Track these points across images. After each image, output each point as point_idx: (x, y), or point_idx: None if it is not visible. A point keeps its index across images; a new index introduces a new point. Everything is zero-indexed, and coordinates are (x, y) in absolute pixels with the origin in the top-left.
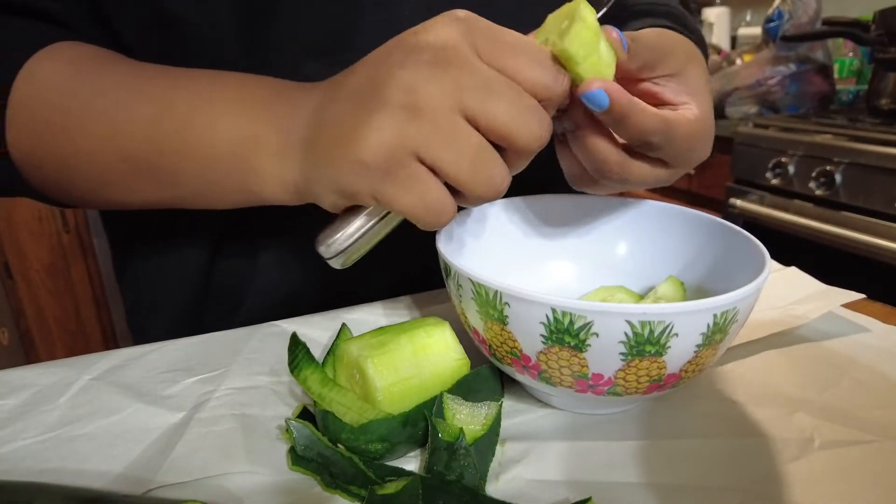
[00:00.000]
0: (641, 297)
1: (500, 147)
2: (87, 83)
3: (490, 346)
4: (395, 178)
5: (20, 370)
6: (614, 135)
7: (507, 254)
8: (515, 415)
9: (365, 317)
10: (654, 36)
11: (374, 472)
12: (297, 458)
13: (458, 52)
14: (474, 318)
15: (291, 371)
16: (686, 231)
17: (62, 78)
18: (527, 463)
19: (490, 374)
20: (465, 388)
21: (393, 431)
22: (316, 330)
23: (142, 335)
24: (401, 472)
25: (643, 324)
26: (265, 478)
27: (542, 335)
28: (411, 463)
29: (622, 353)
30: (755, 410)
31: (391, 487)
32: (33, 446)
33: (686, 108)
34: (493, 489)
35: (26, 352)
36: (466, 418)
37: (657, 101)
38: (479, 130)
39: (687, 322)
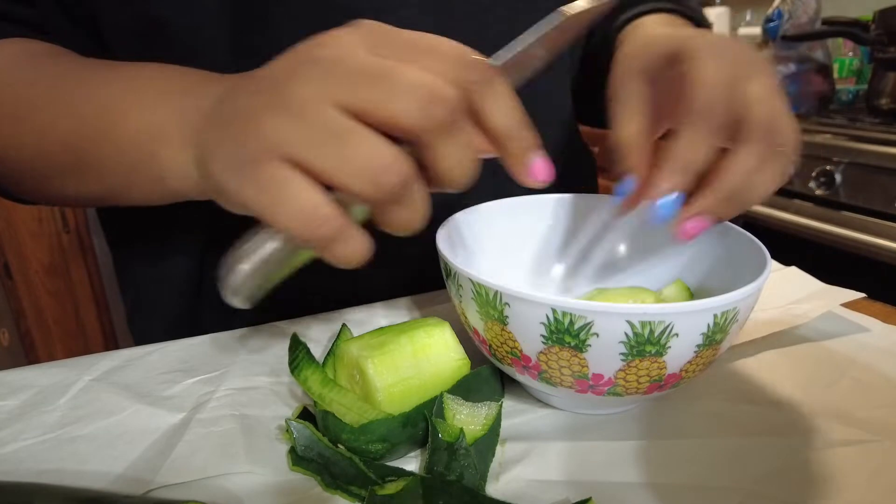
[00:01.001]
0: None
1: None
2: (22, 75)
3: (490, 346)
4: (257, 180)
5: (20, 371)
6: None
7: (507, 254)
8: (515, 415)
9: (365, 317)
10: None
11: (374, 473)
12: (298, 458)
13: (347, 50)
14: (474, 319)
15: (292, 371)
16: None
17: (2, 71)
18: (527, 463)
19: (490, 375)
20: (464, 389)
21: (393, 432)
22: (316, 330)
23: (142, 336)
24: (401, 473)
25: (643, 324)
26: (265, 478)
27: (543, 335)
28: (411, 463)
29: (622, 354)
30: (755, 410)
31: (391, 488)
32: (33, 447)
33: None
34: (493, 489)
35: (26, 352)
36: (466, 418)
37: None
38: (368, 124)
39: (687, 322)
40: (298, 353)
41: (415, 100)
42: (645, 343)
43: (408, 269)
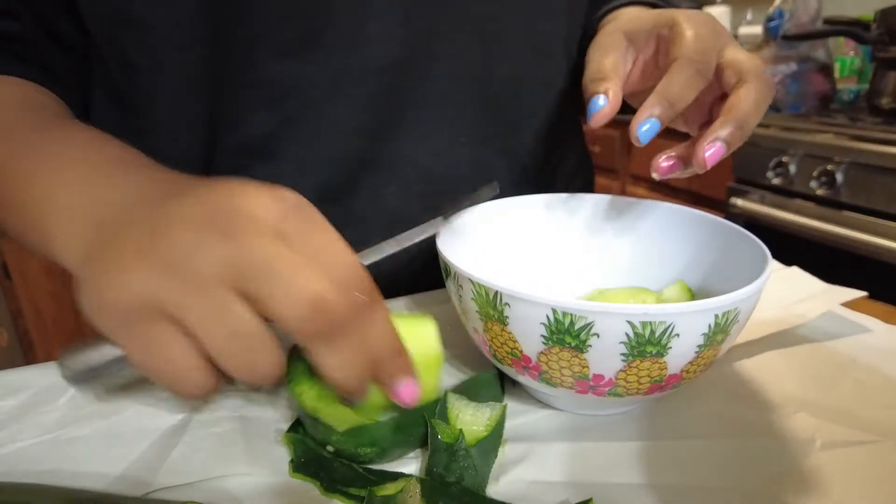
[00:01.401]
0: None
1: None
2: None
3: (490, 346)
4: (134, 330)
5: (18, 371)
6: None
7: (507, 254)
8: (516, 416)
9: None
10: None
11: (374, 477)
12: (297, 466)
13: (256, 229)
14: (474, 319)
15: (287, 383)
16: (687, 231)
17: None
18: (528, 464)
19: (491, 381)
20: (461, 393)
21: (384, 437)
22: None
23: None
24: (399, 477)
25: (644, 324)
26: (264, 479)
27: (543, 336)
28: (412, 465)
29: (623, 354)
30: (756, 411)
31: (391, 488)
32: (32, 448)
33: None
34: (493, 490)
35: (25, 353)
36: (470, 419)
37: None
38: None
39: (688, 322)
40: (297, 366)
41: (301, 306)
42: (646, 343)
43: (408, 269)
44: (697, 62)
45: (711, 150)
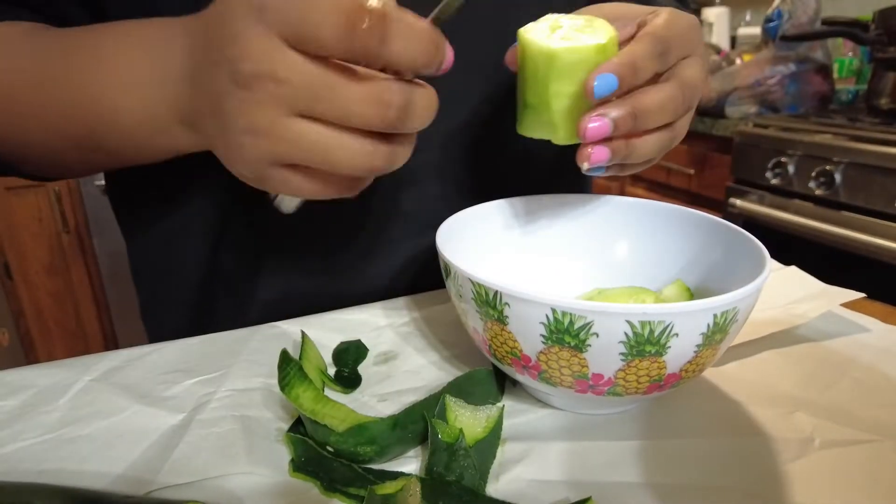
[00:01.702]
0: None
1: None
2: (7, 63)
3: (490, 346)
4: (269, 184)
5: (20, 371)
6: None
7: (507, 254)
8: (516, 415)
9: (365, 317)
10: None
11: (374, 477)
12: (297, 466)
13: (265, 64)
14: (474, 319)
15: (282, 389)
16: (686, 231)
17: None
18: (527, 463)
19: (486, 377)
20: (456, 391)
21: (383, 434)
22: (316, 330)
23: (156, 328)
24: (400, 476)
25: (643, 324)
26: (265, 479)
27: (542, 335)
28: (412, 464)
29: (622, 354)
30: (755, 410)
31: (391, 487)
32: (33, 447)
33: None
34: (493, 489)
35: (26, 353)
36: (468, 420)
37: None
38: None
39: (687, 322)
40: (289, 370)
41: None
42: (645, 343)
43: (408, 269)
44: (655, 43)
45: (595, 125)
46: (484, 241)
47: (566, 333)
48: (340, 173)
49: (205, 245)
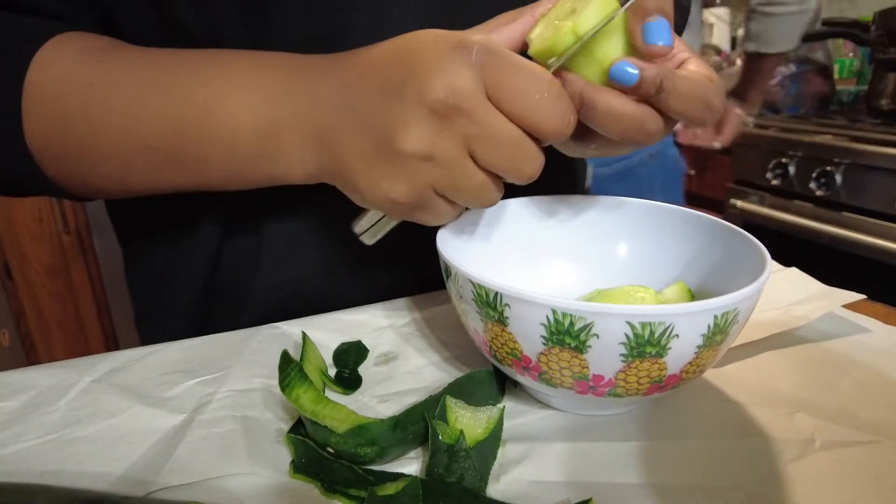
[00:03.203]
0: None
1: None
2: (102, 74)
3: (491, 347)
4: (421, 209)
5: (20, 372)
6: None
7: (507, 254)
8: (516, 416)
9: (365, 318)
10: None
11: (374, 478)
12: (298, 467)
13: (468, 101)
14: (474, 320)
15: (283, 390)
16: (686, 232)
17: (76, 68)
18: (527, 464)
19: (486, 378)
20: (457, 392)
21: (383, 435)
22: (316, 331)
23: (149, 335)
24: (400, 477)
25: (644, 325)
26: (266, 479)
27: (543, 336)
28: (412, 465)
29: (623, 355)
30: (756, 411)
31: (391, 488)
32: (34, 448)
33: (692, 64)
34: (493, 490)
35: (27, 353)
36: (469, 422)
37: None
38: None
39: (687, 323)
40: (290, 371)
41: (528, 166)
42: (645, 344)
43: (408, 270)
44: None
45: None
46: (484, 242)
47: (566, 334)
48: (472, 207)
49: (203, 255)
